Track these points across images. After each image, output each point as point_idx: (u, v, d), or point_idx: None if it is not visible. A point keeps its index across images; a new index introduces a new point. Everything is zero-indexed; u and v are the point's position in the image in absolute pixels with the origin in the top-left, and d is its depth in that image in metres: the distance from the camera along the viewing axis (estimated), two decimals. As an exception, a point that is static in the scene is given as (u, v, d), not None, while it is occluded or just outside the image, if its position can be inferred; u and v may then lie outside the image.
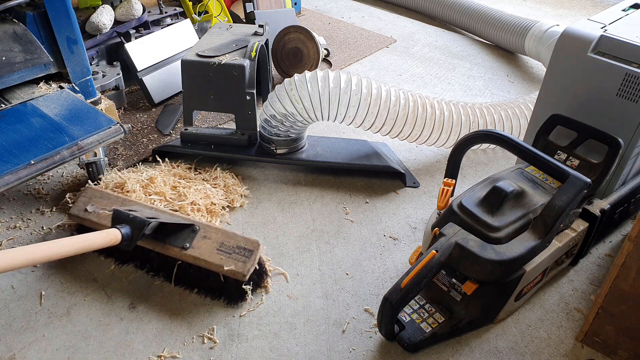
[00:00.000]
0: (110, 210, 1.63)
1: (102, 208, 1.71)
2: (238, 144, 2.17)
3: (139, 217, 1.49)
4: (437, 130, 2.13)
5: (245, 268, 1.53)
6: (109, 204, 1.71)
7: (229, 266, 1.53)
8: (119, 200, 1.73)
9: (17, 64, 1.82)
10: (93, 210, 1.71)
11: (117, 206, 1.66)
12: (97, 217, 1.70)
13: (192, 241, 1.58)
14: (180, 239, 1.59)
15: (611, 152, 1.57)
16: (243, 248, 1.56)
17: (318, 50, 2.78)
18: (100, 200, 1.74)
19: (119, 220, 1.50)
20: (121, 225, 1.47)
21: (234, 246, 1.56)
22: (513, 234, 1.42)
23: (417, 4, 3.94)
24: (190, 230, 1.60)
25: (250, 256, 1.55)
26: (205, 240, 1.58)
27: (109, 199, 1.74)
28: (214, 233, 1.60)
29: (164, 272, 1.68)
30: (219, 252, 1.56)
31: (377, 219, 1.97)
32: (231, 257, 1.55)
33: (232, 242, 1.58)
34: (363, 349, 1.49)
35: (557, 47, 1.67)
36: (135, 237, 1.48)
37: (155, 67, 2.64)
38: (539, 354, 1.49)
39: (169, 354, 1.46)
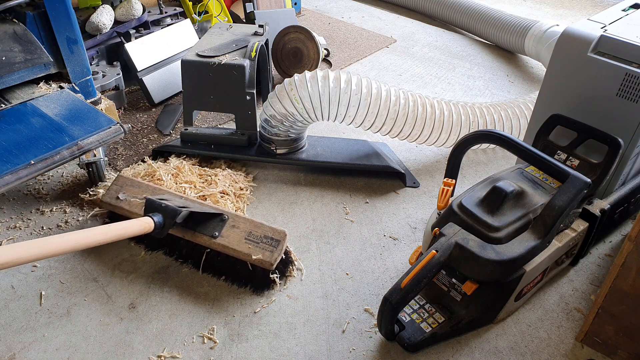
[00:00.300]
0: (142, 199, 1.71)
1: (134, 196, 1.76)
2: (238, 144, 2.17)
3: (171, 206, 1.54)
4: (437, 130, 2.13)
5: (272, 257, 1.57)
6: (139, 192, 1.77)
7: (257, 255, 1.57)
8: (149, 188, 1.78)
9: (17, 64, 1.82)
10: (125, 198, 1.75)
11: (147, 195, 1.72)
12: (128, 205, 1.75)
13: (221, 230, 1.63)
14: (209, 227, 1.63)
15: (611, 152, 1.57)
16: (270, 238, 1.60)
17: (318, 50, 2.78)
18: (131, 188, 1.79)
19: (152, 209, 1.54)
20: (154, 214, 1.52)
21: (262, 236, 1.61)
22: (513, 234, 1.42)
23: (417, 4, 3.94)
24: (219, 220, 1.64)
25: (277, 246, 1.59)
26: (234, 229, 1.63)
27: (140, 187, 1.78)
28: (242, 222, 1.64)
29: (192, 259, 1.72)
30: (247, 241, 1.60)
31: (377, 219, 1.97)
32: (259, 246, 1.59)
33: (259, 231, 1.62)
34: (363, 349, 1.49)
35: (557, 47, 1.67)
36: (167, 226, 1.53)
37: (155, 67, 2.64)
38: (539, 354, 1.49)
39: (169, 354, 1.46)
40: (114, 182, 1.82)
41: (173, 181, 1.92)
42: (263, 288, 1.65)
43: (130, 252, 1.79)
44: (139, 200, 1.73)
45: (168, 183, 1.90)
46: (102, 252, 1.79)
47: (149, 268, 1.73)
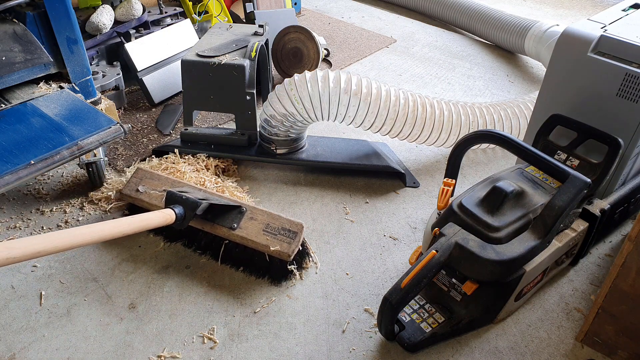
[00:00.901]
0: (161, 191, 1.76)
1: (153, 189, 1.79)
2: (238, 144, 2.17)
3: (191, 198, 1.56)
4: (436, 129, 2.13)
5: (290, 249, 1.61)
6: (159, 185, 1.80)
7: (275, 247, 1.61)
8: (168, 181, 1.81)
9: (17, 64, 1.82)
10: (144, 191, 1.79)
11: (167, 187, 1.76)
12: (148, 197, 1.78)
13: (240, 222, 1.66)
14: (228, 219, 1.66)
15: (611, 152, 1.57)
16: (288, 230, 1.63)
17: (318, 50, 2.78)
18: (150, 181, 1.82)
19: (172, 201, 1.57)
20: (175, 206, 1.54)
21: (279, 228, 1.64)
22: (513, 234, 1.42)
23: (417, 4, 3.94)
24: (237, 212, 1.68)
25: (295, 237, 1.62)
26: (252, 221, 1.66)
27: (159, 180, 1.82)
28: (259, 215, 1.67)
29: (210, 250, 1.76)
30: (265, 233, 1.63)
31: (377, 219, 1.97)
32: (276, 238, 1.62)
33: (277, 223, 1.65)
34: (363, 349, 1.49)
35: (557, 47, 1.67)
36: (187, 217, 1.56)
37: (155, 67, 2.64)
38: (539, 354, 1.49)
39: (169, 354, 1.46)
40: (134, 175, 1.85)
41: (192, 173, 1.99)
42: (280, 279, 1.68)
43: (131, 252, 1.79)
44: (159, 193, 1.77)
45: (188, 175, 1.96)
46: (102, 252, 1.79)
47: (149, 268, 1.73)
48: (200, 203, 1.57)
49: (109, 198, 1.99)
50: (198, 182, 1.91)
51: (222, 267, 1.74)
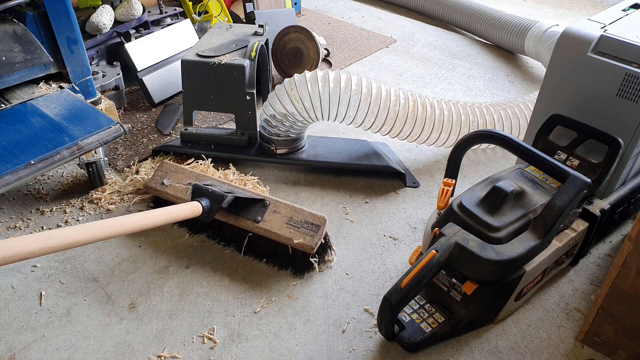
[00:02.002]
0: (186, 184, 1.81)
1: (178, 182, 1.83)
2: (238, 144, 2.17)
3: (217, 191, 1.62)
4: (436, 129, 2.13)
5: (313, 241, 1.63)
6: (183, 178, 1.84)
7: (298, 239, 1.64)
8: (193, 175, 1.84)
9: (17, 64, 1.82)
10: (169, 184, 1.83)
11: (191, 180, 1.81)
12: (173, 190, 1.82)
13: (264, 215, 1.69)
14: (252, 212, 1.70)
15: (611, 152, 1.57)
16: (310, 223, 1.66)
17: (318, 50, 2.78)
18: (175, 174, 1.86)
19: (199, 194, 1.63)
20: (201, 199, 1.60)
21: (302, 221, 1.66)
22: (513, 234, 1.42)
23: (417, 4, 3.94)
24: (261, 205, 1.71)
25: (317, 231, 1.64)
26: (276, 214, 1.69)
27: (184, 174, 1.86)
28: (283, 208, 1.70)
29: (234, 242, 1.80)
30: (289, 226, 1.66)
31: (377, 219, 1.97)
32: (300, 231, 1.65)
33: (300, 217, 1.67)
34: (363, 349, 1.49)
35: (557, 47, 1.67)
36: (213, 210, 1.61)
37: (155, 67, 2.64)
38: (539, 354, 1.49)
39: (169, 354, 1.46)
40: (159, 169, 1.90)
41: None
42: (303, 270, 1.72)
43: (131, 252, 1.79)
44: (183, 186, 1.82)
45: (211, 169, 2.01)
46: (102, 252, 1.79)
47: (149, 268, 1.73)
48: (225, 196, 1.61)
49: (136, 191, 2.03)
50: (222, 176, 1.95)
51: (221, 266, 1.74)
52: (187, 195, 1.79)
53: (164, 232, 1.88)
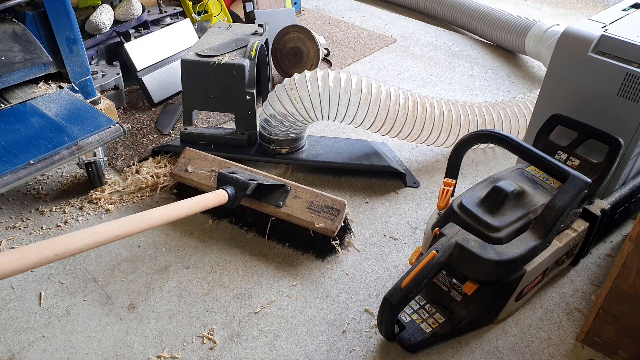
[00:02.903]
0: (209, 171, 1.87)
1: (202, 169, 1.89)
2: (238, 143, 2.17)
3: (241, 179, 1.68)
4: (436, 129, 2.13)
5: (334, 225, 1.69)
6: (207, 165, 1.89)
7: (319, 223, 1.69)
8: (216, 161, 1.90)
9: (17, 63, 1.82)
10: (193, 171, 1.89)
11: (214, 167, 1.87)
12: (197, 176, 1.88)
13: (285, 200, 1.74)
14: (274, 198, 1.75)
15: (612, 152, 1.57)
16: (331, 207, 1.71)
17: (318, 49, 2.78)
18: (198, 161, 1.92)
19: (224, 182, 1.69)
20: (226, 186, 1.66)
21: (323, 205, 1.71)
22: (513, 234, 1.42)
23: (418, 3, 3.94)
24: (282, 191, 1.76)
25: (338, 215, 1.69)
26: (297, 199, 1.74)
27: (207, 160, 1.91)
28: (303, 193, 1.75)
29: (256, 227, 1.86)
30: (310, 210, 1.71)
31: (377, 219, 1.97)
32: (320, 215, 1.70)
33: (320, 201, 1.72)
34: (363, 349, 1.49)
35: (558, 46, 1.66)
36: (238, 197, 1.67)
37: (155, 67, 2.63)
38: (539, 354, 1.49)
39: (169, 354, 1.46)
40: (182, 156, 1.95)
41: None
42: (325, 254, 1.77)
43: (130, 252, 1.79)
44: (207, 173, 1.87)
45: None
46: (102, 252, 1.78)
47: (148, 268, 1.73)
48: (249, 184, 1.67)
49: (138, 190, 2.05)
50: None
51: (221, 266, 1.74)
52: (210, 182, 1.85)
53: (162, 231, 1.87)
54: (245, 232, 1.88)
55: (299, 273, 1.73)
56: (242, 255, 1.79)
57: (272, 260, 1.77)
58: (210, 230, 1.89)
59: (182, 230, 1.89)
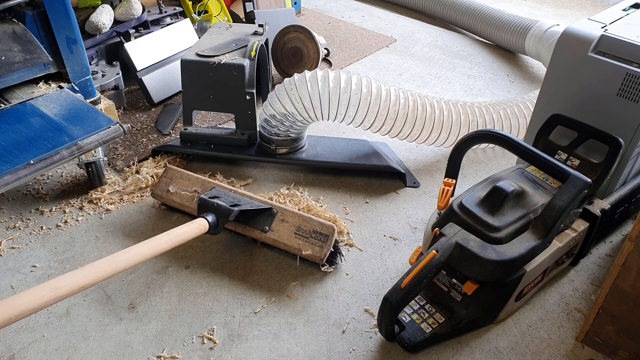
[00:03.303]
0: (192, 192, 1.83)
1: (184, 189, 1.86)
2: (238, 143, 2.17)
3: (223, 206, 1.63)
4: (436, 129, 2.13)
5: (322, 252, 1.65)
6: (189, 185, 1.86)
7: (307, 251, 1.66)
8: (199, 181, 1.86)
9: (17, 63, 1.82)
10: (175, 191, 1.86)
11: (197, 187, 1.84)
12: (179, 197, 1.85)
13: (271, 224, 1.71)
14: (260, 222, 1.72)
15: (611, 152, 1.57)
16: (319, 233, 1.66)
17: (318, 49, 2.78)
18: (180, 180, 1.88)
19: (205, 209, 1.64)
20: (207, 214, 1.61)
21: (311, 231, 1.67)
22: (513, 234, 1.42)
23: (418, 3, 3.94)
24: (268, 214, 1.73)
25: (327, 241, 1.66)
26: (283, 223, 1.70)
27: (189, 180, 1.87)
28: (290, 217, 1.71)
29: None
30: (297, 236, 1.68)
31: (377, 219, 1.97)
32: (308, 241, 1.66)
33: (308, 226, 1.68)
34: (363, 349, 1.49)
35: (558, 46, 1.66)
36: (220, 225, 1.62)
37: (155, 67, 2.63)
38: (539, 354, 1.49)
39: (169, 354, 1.46)
40: (164, 175, 1.91)
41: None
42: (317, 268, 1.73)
43: (130, 252, 1.79)
44: (189, 193, 1.84)
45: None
46: (101, 252, 1.78)
47: (148, 268, 1.73)
48: (231, 210, 1.62)
49: (138, 190, 2.05)
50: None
51: (221, 266, 1.74)
52: (193, 203, 1.82)
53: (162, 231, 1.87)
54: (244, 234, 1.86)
55: (299, 273, 1.73)
56: (242, 255, 1.79)
57: (272, 260, 1.77)
58: (210, 230, 1.89)
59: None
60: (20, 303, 1.03)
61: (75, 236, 1.85)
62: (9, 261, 1.74)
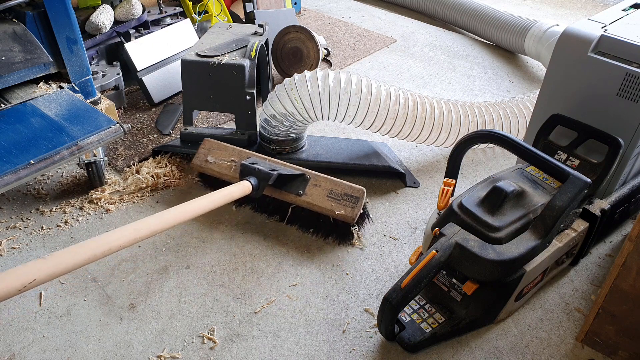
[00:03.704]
0: (229, 161, 1.92)
1: (221, 159, 1.93)
2: (238, 144, 2.17)
3: (263, 170, 1.73)
4: (436, 129, 2.13)
5: (353, 213, 1.73)
6: (226, 155, 1.94)
7: (340, 211, 1.73)
8: (235, 151, 1.93)
9: (17, 63, 1.82)
10: (214, 161, 1.93)
11: (234, 157, 1.92)
12: (217, 167, 1.92)
13: (305, 188, 1.79)
14: (294, 186, 1.80)
15: (611, 152, 1.57)
16: (350, 195, 1.75)
17: (318, 50, 2.78)
18: (218, 151, 1.95)
19: (247, 173, 1.74)
20: (249, 177, 1.71)
21: (342, 193, 1.76)
22: (513, 234, 1.42)
23: (417, 3, 3.94)
24: (302, 179, 1.81)
25: (357, 202, 1.73)
26: (316, 187, 1.78)
27: (226, 150, 1.95)
28: (322, 181, 1.79)
29: (278, 214, 1.93)
30: (329, 198, 1.75)
31: (377, 219, 1.97)
32: (340, 203, 1.74)
33: (339, 189, 1.76)
34: (363, 349, 1.49)
35: (557, 47, 1.66)
36: (262, 187, 1.72)
37: (155, 67, 2.63)
38: (539, 354, 1.49)
39: (169, 354, 1.46)
40: (202, 147, 1.98)
41: None
42: (345, 239, 1.83)
43: (130, 252, 1.79)
44: (227, 163, 1.92)
45: None
46: (102, 252, 1.78)
47: (148, 268, 1.73)
48: (271, 174, 1.71)
49: (139, 190, 2.06)
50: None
51: (221, 266, 1.74)
52: (231, 171, 1.90)
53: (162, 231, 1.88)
54: (244, 235, 1.88)
55: (299, 273, 1.73)
56: (242, 255, 1.79)
57: (272, 260, 1.77)
58: (210, 230, 1.89)
59: (182, 230, 1.89)
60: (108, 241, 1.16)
61: (76, 236, 1.85)
62: (9, 261, 1.74)
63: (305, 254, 1.80)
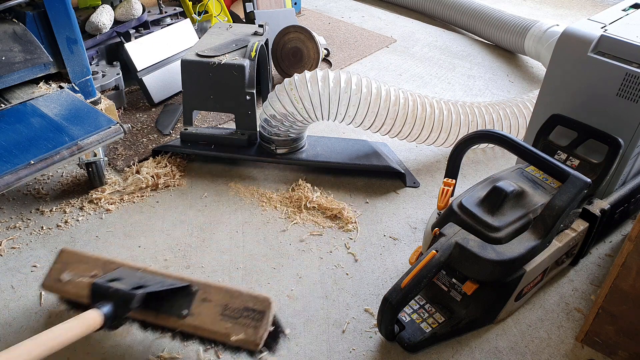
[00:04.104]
0: (91, 277, 1.41)
1: (81, 275, 1.43)
2: (238, 144, 2.17)
3: (122, 289, 1.28)
4: (436, 129, 2.13)
5: (257, 336, 1.28)
6: (87, 270, 1.44)
7: (238, 335, 1.29)
8: (99, 263, 1.45)
9: (17, 63, 1.82)
10: (70, 279, 1.43)
11: (98, 271, 1.43)
12: (75, 287, 1.42)
13: (191, 306, 1.34)
14: (175, 305, 1.34)
15: (611, 152, 1.57)
16: (252, 309, 1.31)
17: (318, 50, 2.78)
18: (78, 265, 1.46)
19: (99, 296, 1.29)
20: (100, 304, 1.26)
21: (241, 308, 1.32)
22: (513, 234, 1.42)
23: (417, 3, 3.94)
24: (186, 293, 1.36)
25: (262, 319, 1.29)
26: (206, 303, 1.34)
27: (88, 263, 1.46)
28: (215, 294, 1.35)
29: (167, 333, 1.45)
30: (224, 317, 1.31)
31: (377, 219, 1.97)
32: (238, 322, 1.30)
33: (237, 302, 1.33)
34: (363, 349, 1.49)
35: (557, 47, 1.66)
36: (120, 315, 1.28)
37: (155, 67, 2.64)
38: (539, 354, 1.49)
39: (169, 354, 1.46)
40: (57, 260, 1.49)
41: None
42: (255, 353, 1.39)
43: (130, 253, 1.79)
44: (87, 280, 1.41)
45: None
46: (101, 252, 1.78)
47: (148, 268, 1.73)
48: (134, 295, 1.27)
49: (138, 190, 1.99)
50: None
51: (221, 266, 1.74)
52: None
53: (162, 231, 1.88)
54: (244, 235, 1.87)
55: (299, 273, 1.73)
56: (242, 255, 1.79)
57: (272, 260, 1.77)
58: (210, 230, 1.89)
59: (182, 230, 1.89)
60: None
61: (76, 236, 1.85)
62: (9, 261, 1.74)
63: (305, 253, 1.80)
